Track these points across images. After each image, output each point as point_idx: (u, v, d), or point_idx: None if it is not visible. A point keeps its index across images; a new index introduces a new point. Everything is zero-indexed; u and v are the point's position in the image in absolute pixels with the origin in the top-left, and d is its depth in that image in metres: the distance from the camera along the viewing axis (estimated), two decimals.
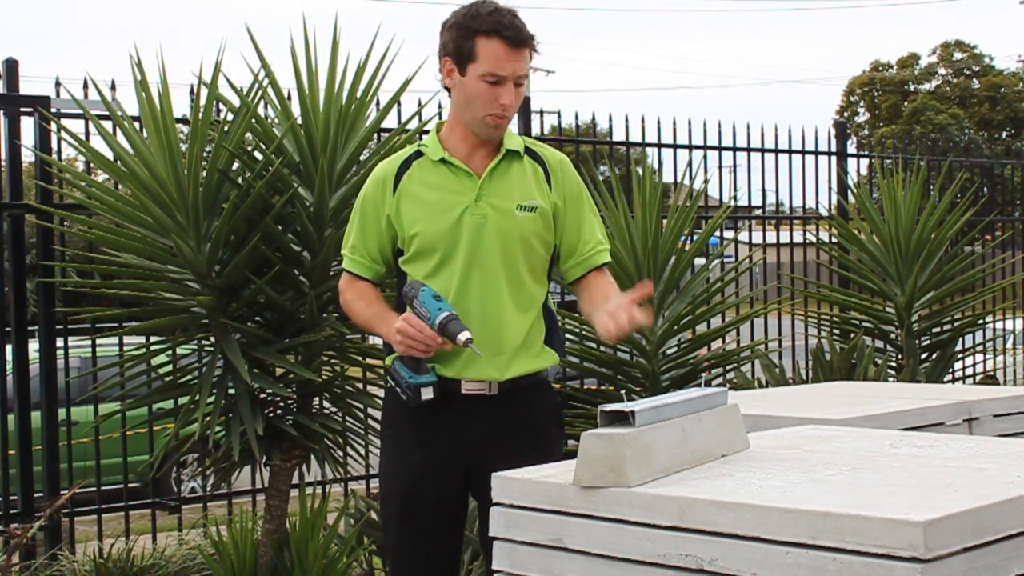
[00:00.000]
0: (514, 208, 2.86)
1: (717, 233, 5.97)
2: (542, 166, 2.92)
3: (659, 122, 6.75)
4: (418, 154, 2.92)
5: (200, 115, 4.19)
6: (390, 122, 5.21)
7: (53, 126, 4.78)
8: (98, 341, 5.13)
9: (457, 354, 2.82)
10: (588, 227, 2.96)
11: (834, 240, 7.58)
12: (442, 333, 2.69)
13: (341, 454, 4.49)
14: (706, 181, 6.45)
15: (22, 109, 4.91)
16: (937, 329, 6.77)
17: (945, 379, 6.78)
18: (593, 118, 6.64)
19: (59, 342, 5.05)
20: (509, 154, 2.90)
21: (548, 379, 3.02)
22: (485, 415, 2.87)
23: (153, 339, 4.55)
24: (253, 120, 4.28)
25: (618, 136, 6.88)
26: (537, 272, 2.93)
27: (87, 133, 4.91)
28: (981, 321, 7.29)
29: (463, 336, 2.66)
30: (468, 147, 2.88)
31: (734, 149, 7.21)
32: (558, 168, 2.94)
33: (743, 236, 7.56)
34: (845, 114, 43.92)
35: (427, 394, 2.77)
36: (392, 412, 2.98)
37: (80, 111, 4.69)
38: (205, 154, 4.19)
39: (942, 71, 44.17)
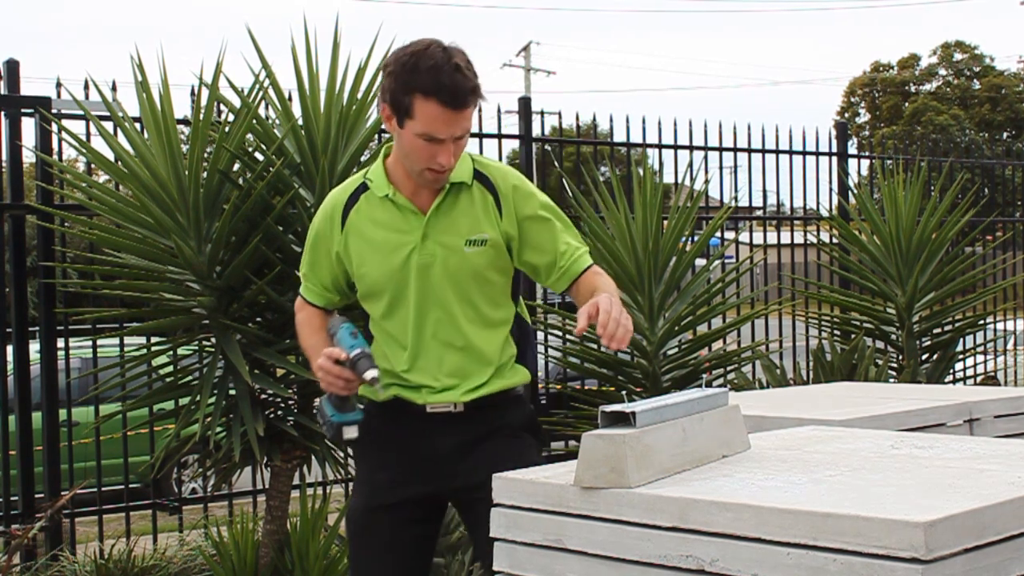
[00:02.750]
0: (463, 244, 2.73)
1: (718, 234, 5.97)
2: (492, 193, 2.76)
3: (659, 123, 6.75)
4: (364, 186, 2.79)
5: (201, 116, 4.19)
6: None
7: (54, 127, 4.78)
8: (99, 342, 5.13)
9: (421, 385, 2.75)
10: (560, 239, 2.79)
11: (835, 241, 7.58)
12: (352, 370, 2.61)
13: (342, 455, 4.49)
14: (707, 182, 6.45)
15: (23, 110, 4.91)
16: (938, 330, 6.77)
17: (946, 380, 6.78)
18: (594, 119, 6.64)
19: (60, 343, 5.05)
20: (455, 187, 2.74)
21: (520, 395, 2.88)
22: (452, 429, 2.76)
23: (154, 340, 4.55)
24: (254, 121, 4.29)
25: (619, 137, 6.88)
26: (498, 299, 2.81)
27: (88, 134, 4.91)
28: (982, 322, 7.29)
29: (368, 374, 2.58)
30: (413, 183, 2.74)
31: (735, 150, 7.21)
32: (510, 194, 2.77)
33: (744, 237, 7.56)
34: (846, 115, 43.91)
35: (350, 433, 2.68)
36: (362, 434, 2.81)
37: (81, 112, 4.70)
38: (206, 155, 4.20)
39: (943, 72, 44.16)
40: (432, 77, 2.56)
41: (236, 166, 4.29)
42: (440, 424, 2.77)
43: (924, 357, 6.70)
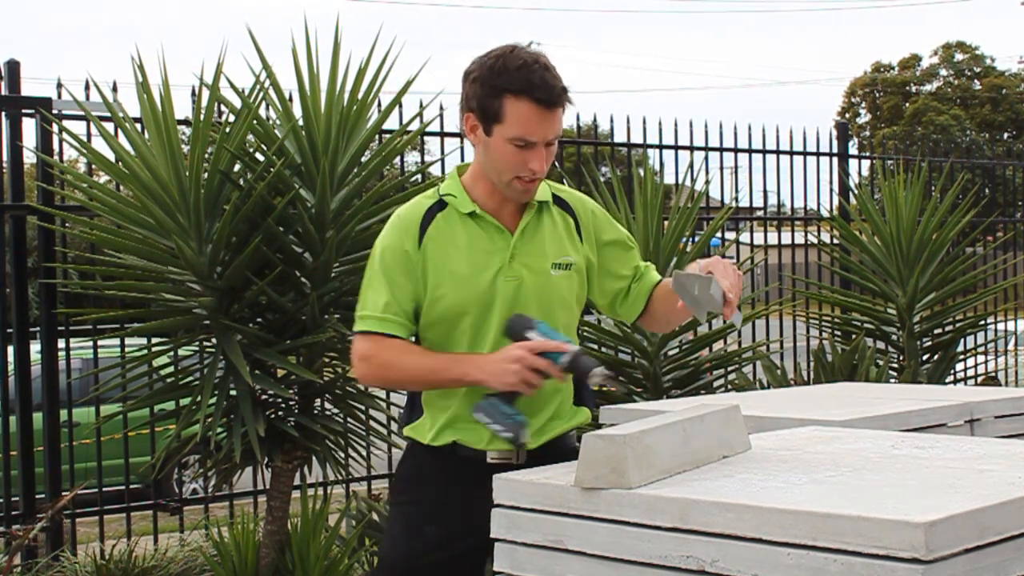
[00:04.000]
0: (549, 267, 2.61)
1: (718, 234, 5.97)
2: (572, 216, 2.67)
3: (660, 123, 6.75)
4: (442, 204, 2.62)
5: (201, 116, 4.19)
6: (391, 123, 5.22)
7: (55, 127, 4.78)
8: (99, 342, 5.13)
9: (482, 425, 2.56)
10: (633, 260, 2.71)
11: (835, 241, 7.58)
12: (572, 366, 2.42)
13: (342, 455, 4.49)
14: (707, 182, 6.46)
15: (24, 110, 4.91)
16: (938, 330, 6.77)
17: (947, 380, 6.78)
18: (594, 119, 6.64)
19: (61, 343, 5.05)
20: (539, 206, 2.63)
21: (577, 447, 2.64)
22: None
23: (154, 340, 4.55)
24: (254, 121, 4.29)
25: (619, 137, 6.88)
26: (572, 332, 2.69)
27: (88, 134, 4.92)
28: (983, 322, 7.29)
29: (598, 372, 2.40)
30: (496, 202, 2.61)
31: (735, 150, 7.22)
32: (589, 219, 2.68)
33: (744, 237, 7.57)
34: (846, 115, 43.93)
35: (525, 436, 2.50)
36: (409, 476, 2.72)
37: (82, 112, 4.70)
38: (206, 155, 4.20)
39: (943, 72, 44.19)
40: (523, 76, 2.47)
41: (237, 167, 4.29)
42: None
43: (925, 357, 6.70)
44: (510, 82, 2.47)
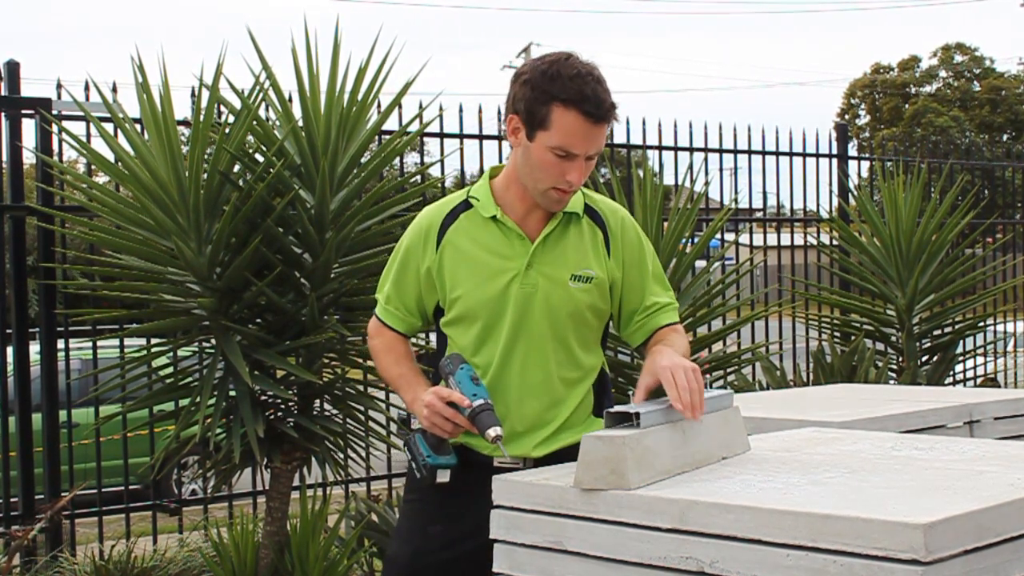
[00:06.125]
0: (568, 278, 2.59)
1: (718, 235, 5.97)
2: (602, 229, 2.65)
3: (660, 124, 6.75)
4: (467, 204, 2.64)
5: (201, 117, 4.19)
6: (391, 124, 5.22)
7: (54, 128, 4.78)
8: (99, 343, 5.13)
9: None
10: (649, 291, 2.67)
11: (835, 243, 7.58)
12: (472, 421, 2.42)
13: (342, 456, 4.49)
14: (707, 183, 6.45)
15: (23, 111, 4.92)
16: (938, 332, 6.77)
17: (946, 382, 6.79)
18: None
19: (60, 344, 5.06)
20: (567, 216, 2.61)
21: None
22: None
23: (154, 341, 4.56)
24: (254, 122, 4.29)
25: (619, 138, 6.88)
26: (590, 344, 2.69)
27: (88, 135, 4.91)
28: (982, 324, 7.29)
29: (492, 432, 2.38)
30: (525, 207, 2.60)
31: (735, 151, 7.22)
32: (619, 232, 2.66)
33: (744, 238, 7.57)
34: (846, 116, 43.91)
35: (443, 477, 2.52)
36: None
37: (81, 113, 4.70)
38: (206, 156, 4.20)
39: (943, 73, 44.16)
40: (576, 87, 2.44)
41: (236, 167, 4.29)
42: None
43: (924, 359, 6.70)
44: (561, 91, 2.44)
